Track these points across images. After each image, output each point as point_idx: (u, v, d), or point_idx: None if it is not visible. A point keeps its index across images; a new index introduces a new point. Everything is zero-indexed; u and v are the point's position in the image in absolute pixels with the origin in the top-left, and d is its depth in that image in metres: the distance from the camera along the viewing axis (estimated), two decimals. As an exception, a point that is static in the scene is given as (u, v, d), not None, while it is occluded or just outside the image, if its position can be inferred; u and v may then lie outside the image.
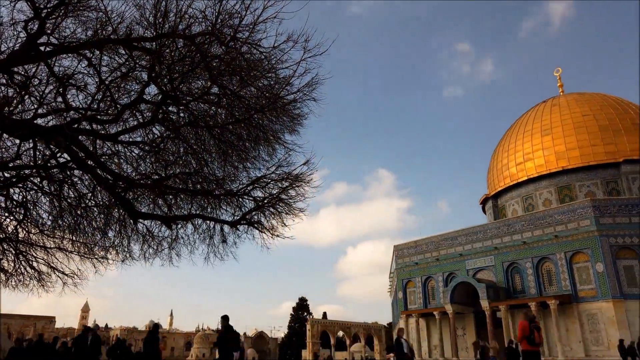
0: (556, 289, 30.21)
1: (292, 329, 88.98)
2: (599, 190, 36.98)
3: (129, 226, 9.97)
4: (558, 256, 30.42)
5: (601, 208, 29.41)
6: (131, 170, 9.21)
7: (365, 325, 74.66)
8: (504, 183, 43.17)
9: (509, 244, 33.32)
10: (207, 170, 9.26)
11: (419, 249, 39.71)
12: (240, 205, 9.88)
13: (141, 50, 7.36)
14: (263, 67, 7.70)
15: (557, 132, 39.79)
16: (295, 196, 9.57)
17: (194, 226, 10.12)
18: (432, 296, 38.04)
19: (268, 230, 9.80)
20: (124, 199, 8.59)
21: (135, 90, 8.16)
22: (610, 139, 37.65)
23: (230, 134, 8.63)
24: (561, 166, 38.62)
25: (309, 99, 8.24)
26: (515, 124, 45.67)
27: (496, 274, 33.54)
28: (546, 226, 31.56)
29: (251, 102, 8.12)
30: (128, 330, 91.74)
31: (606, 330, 27.00)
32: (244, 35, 7.13)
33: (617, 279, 27.51)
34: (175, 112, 8.44)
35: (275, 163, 9.34)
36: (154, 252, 10.30)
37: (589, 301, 28.41)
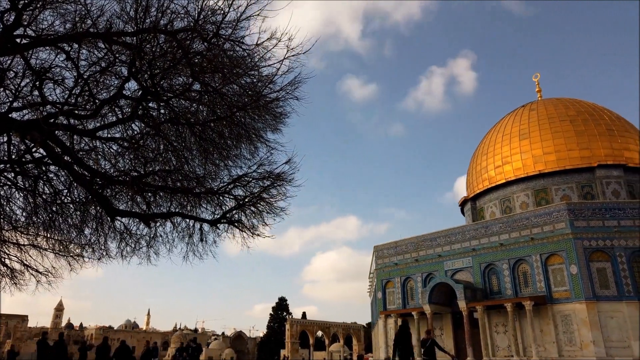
0: (531, 290, 30.80)
1: (271, 329, 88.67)
2: (574, 193, 37.85)
3: (106, 223, 9.80)
4: (534, 258, 31.02)
5: (576, 211, 30.10)
6: (109, 167, 9.05)
7: (345, 325, 74.92)
8: (483, 185, 43.83)
9: (486, 245, 33.84)
10: (188, 168, 9.16)
11: (399, 249, 40.03)
12: (220, 203, 9.80)
13: (121, 44, 7.24)
14: (246, 65, 7.66)
15: (534, 137, 40.57)
16: (277, 195, 9.55)
17: (173, 224, 10.00)
18: (411, 296, 38.38)
19: (248, 230, 9.75)
20: (102, 196, 8.43)
21: (115, 85, 8.02)
22: (585, 144, 38.57)
23: (212, 132, 8.56)
24: (538, 170, 39.39)
25: (292, 97, 8.23)
26: (494, 128, 46.41)
27: (474, 275, 34.02)
28: (523, 228, 32.15)
29: (233, 99, 8.07)
30: (103, 329, 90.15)
31: (579, 330, 27.65)
32: (227, 32, 7.08)
33: (590, 281, 28.19)
34: (156, 108, 8.33)
35: (257, 162, 9.30)
36: (132, 250, 10.15)
37: (562, 302, 29.04)
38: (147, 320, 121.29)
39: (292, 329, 67.26)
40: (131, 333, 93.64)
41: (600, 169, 37.37)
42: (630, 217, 29.36)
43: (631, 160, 38.03)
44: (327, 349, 72.34)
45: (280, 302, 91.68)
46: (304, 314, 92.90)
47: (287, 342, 67.39)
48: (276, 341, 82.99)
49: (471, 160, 48.09)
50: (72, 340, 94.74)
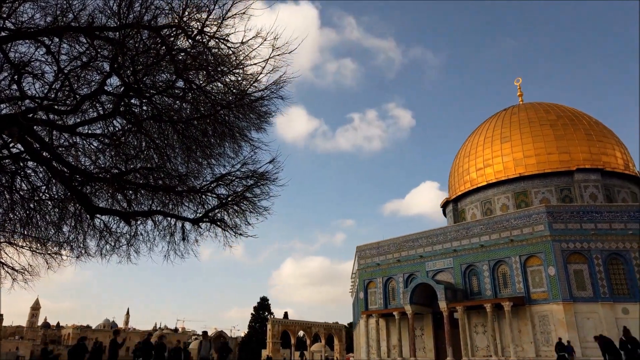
0: (510, 291, 31.27)
1: (252, 329, 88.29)
2: (553, 196, 38.56)
3: (85, 221, 9.63)
4: (513, 259, 31.50)
5: (554, 214, 30.67)
6: (89, 164, 8.90)
7: (326, 325, 75.05)
8: (465, 187, 44.35)
9: (467, 246, 34.25)
10: (170, 165, 9.06)
11: (381, 250, 40.25)
12: (203, 202, 9.73)
13: (103, 39, 7.12)
14: (230, 63, 7.61)
15: (515, 140, 41.21)
16: (260, 194, 9.51)
17: (154, 222, 9.89)
18: (393, 297, 38.62)
19: (231, 229, 9.69)
20: (81, 193, 8.28)
21: (96, 80, 7.89)
22: (565, 147, 39.32)
23: (195, 130, 8.48)
24: (518, 173, 40.02)
25: (277, 96, 8.20)
26: (476, 130, 47.00)
27: (454, 275, 34.40)
28: (503, 230, 32.62)
29: (217, 97, 8.01)
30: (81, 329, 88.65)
31: (556, 331, 28.17)
32: (212, 30, 7.03)
33: (568, 283, 28.76)
34: (138, 105, 8.22)
35: (240, 160, 9.25)
36: (111, 249, 10.00)
37: (540, 303, 29.56)
38: (125, 320, 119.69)
39: (273, 328, 67.11)
40: (109, 332, 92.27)
41: (578, 172, 38.15)
42: (607, 221, 30.03)
43: (608, 164, 38.91)
44: (308, 348, 72.32)
45: (262, 302, 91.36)
46: (286, 314, 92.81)
47: (269, 342, 67.19)
48: (257, 341, 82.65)
49: (453, 162, 48.61)
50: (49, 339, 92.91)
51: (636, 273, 28.57)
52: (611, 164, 39.14)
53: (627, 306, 27.92)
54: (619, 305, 28.00)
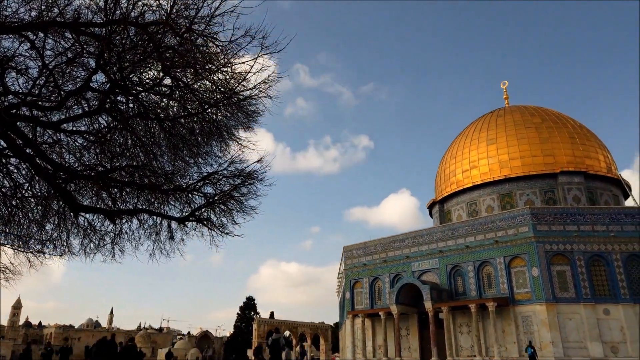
0: (495, 292, 31.61)
1: (238, 329, 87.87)
2: (537, 198, 39.06)
3: (69, 219, 9.50)
4: (498, 260, 31.84)
5: (538, 216, 31.07)
6: (74, 161, 8.78)
7: (312, 325, 75.06)
8: (451, 189, 44.70)
9: (453, 247, 34.54)
10: (156, 164, 8.98)
11: (368, 250, 40.38)
12: (189, 201, 9.66)
13: (89, 35, 7.02)
14: (219, 61, 7.57)
15: (501, 142, 41.66)
16: (247, 194, 9.48)
17: (140, 221, 9.79)
18: (379, 297, 38.78)
19: (217, 228, 9.64)
20: (65, 191, 8.17)
21: (82, 77, 7.79)
22: (549, 150, 39.87)
23: (182, 128, 8.42)
24: (504, 175, 40.47)
25: (265, 96, 8.18)
26: (463, 132, 47.40)
27: (440, 276, 34.66)
28: (488, 231, 32.96)
29: (205, 95, 7.96)
30: (64, 328, 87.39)
31: (539, 331, 28.55)
32: (200, 27, 6.98)
33: (551, 283, 29.16)
34: (124, 102, 8.13)
35: (228, 159, 9.21)
36: (96, 247, 9.88)
37: (524, 304, 29.92)
38: (109, 319, 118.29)
39: (259, 328, 66.88)
40: (93, 332, 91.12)
41: (562, 175, 38.70)
42: (589, 223, 30.52)
43: (591, 167, 39.55)
44: (294, 348, 72.25)
45: (248, 302, 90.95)
46: (272, 314, 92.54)
47: (254, 342, 66.91)
48: (243, 341, 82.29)
49: (440, 163, 48.97)
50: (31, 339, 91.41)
51: (617, 274, 29.08)
52: (594, 167, 39.79)
53: (609, 307, 28.42)
54: (600, 306, 28.48)
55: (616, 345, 26.91)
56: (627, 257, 29.56)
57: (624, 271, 29.14)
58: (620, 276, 29.01)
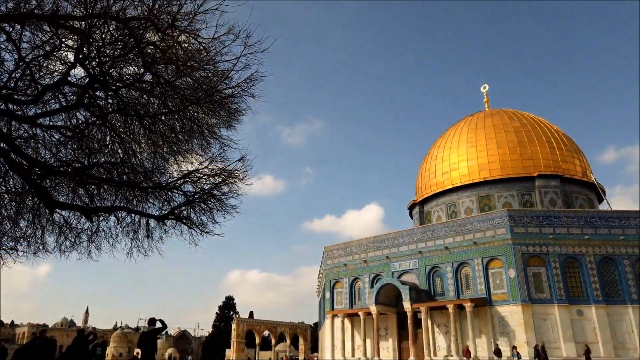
0: (472, 293, 32.05)
1: (216, 328, 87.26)
2: (515, 201, 39.77)
3: (43, 216, 9.30)
4: (476, 261, 32.31)
5: (516, 218, 31.63)
6: (50, 156, 8.60)
7: (292, 325, 74.99)
8: (431, 190, 45.17)
9: (432, 248, 34.90)
10: (135, 161, 8.86)
11: (348, 250, 40.53)
12: (169, 199, 9.56)
13: (68, 29, 6.89)
14: (201, 58, 7.51)
15: (480, 145, 42.28)
16: (228, 193, 9.43)
17: (117, 219, 9.64)
18: (358, 297, 38.94)
19: (197, 227, 9.56)
20: (40, 187, 7.99)
21: (60, 71, 7.64)
22: (527, 154, 40.62)
23: (162, 125, 8.33)
24: (483, 177, 41.06)
25: (248, 94, 8.15)
26: (444, 134, 47.96)
27: (419, 276, 34.99)
28: (466, 233, 33.41)
29: (187, 93, 7.88)
30: (37, 327, 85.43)
31: (514, 331, 29.08)
32: (183, 24, 6.91)
33: (527, 285, 29.73)
34: (103, 97, 8.00)
35: (208, 158, 9.14)
36: (71, 245, 9.69)
37: (500, 304, 30.43)
38: (84, 318, 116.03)
39: (238, 328, 66.53)
40: (67, 331, 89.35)
41: (539, 178, 39.49)
42: (565, 226, 31.21)
43: (567, 171, 40.44)
44: (273, 348, 72.07)
45: (227, 302, 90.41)
46: (251, 314, 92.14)
47: (233, 342, 66.57)
48: (222, 341, 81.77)
49: (421, 164, 49.45)
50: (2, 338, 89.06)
51: (591, 276, 29.80)
52: (570, 171, 40.70)
53: (582, 308, 29.10)
54: (574, 307, 29.15)
55: (589, 346, 27.55)
56: (601, 260, 30.33)
57: (597, 273, 29.89)
58: (594, 278, 29.74)
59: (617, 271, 30.17)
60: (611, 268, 30.33)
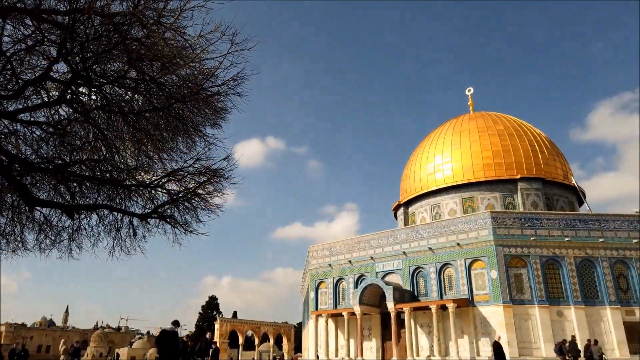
0: (455, 293, 32.37)
1: (199, 328, 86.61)
2: (498, 203, 40.29)
3: (23, 213, 9.13)
4: (459, 262, 32.64)
5: (498, 220, 32.05)
6: (30, 153, 8.44)
7: (276, 325, 74.81)
8: (415, 191, 45.51)
9: (416, 249, 35.15)
10: (119, 158, 8.75)
11: (333, 250, 40.59)
12: (152, 197, 9.46)
13: (51, 23, 6.77)
14: (187, 56, 7.45)
15: (465, 147, 42.74)
16: (213, 192, 9.37)
17: (100, 217, 9.51)
18: (343, 297, 39.02)
19: (181, 226, 9.49)
20: (20, 184, 7.84)
21: (42, 66, 7.50)
22: (510, 157, 41.19)
23: (147, 122, 8.23)
24: (466, 179, 41.51)
25: (234, 93, 8.11)
26: (429, 136, 48.38)
27: (403, 277, 35.21)
28: (450, 234, 33.73)
29: (172, 90, 7.81)
30: (15, 327, 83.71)
31: (496, 332, 29.44)
32: (169, 20, 6.85)
33: (508, 286, 30.13)
34: (86, 93, 7.89)
35: (193, 156, 9.07)
36: (51, 243, 9.53)
37: (482, 305, 30.79)
38: (64, 318, 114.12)
39: (221, 328, 66.12)
40: (47, 331, 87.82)
41: (522, 181, 40.07)
42: (546, 228, 31.72)
43: (549, 174, 41.12)
44: (256, 348, 71.78)
45: (210, 301, 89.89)
46: (235, 313, 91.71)
47: (216, 342, 66.09)
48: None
49: (406, 166, 49.78)
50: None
51: (571, 278, 30.33)
52: (552, 173, 41.38)
53: (562, 309, 29.61)
54: (554, 308, 29.64)
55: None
56: (580, 262, 30.90)
57: (577, 275, 30.44)
58: (574, 279, 30.28)
59: (596, 273, 30.78)
60: (590, 270, 30.92)
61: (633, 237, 31.49)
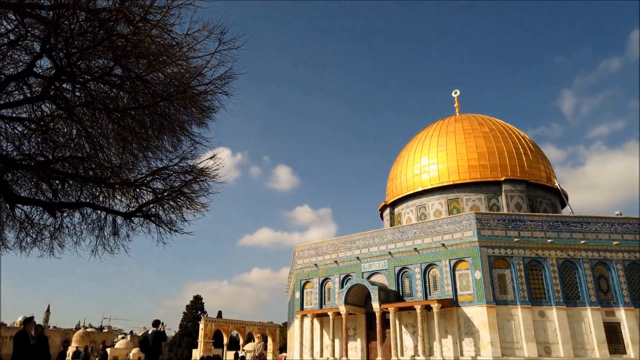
0: (440, 293, 32.62)
1: (184, 328, 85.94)
2: (482, 204, 40.71)
3: (4, 211, 8.96)
4: (443, 263, 32.89)
5: (483, 221, 32.38)
6: (12, 149, 8.29)
7: (261, 324, 74.61)
8: (401, 192, 45.76)
9: (401, 249, 35.34)
10: (103, 156, 8.63)
11: (319, 250, 40.60)
12: (137, 196, 9.36)
13: (35, 17, 6.65)
14: (174, 54, 7.38)
15: (450, 149, 43.11)
16: (199, 191, 9.31)
17: (83, 215, 9.38)
18: (328, 297, 39.05)
19: (166, 225, 9.40)
20: (0, 180, 7.69)
21: (25, 61, 7.37)
22: (495, 159, 41.66)
23: (132, 120, 8.14)
24: (452, 180, 41.87)
25: (221, 92, 8.07)
26: (415, 137, 48.68)
27: (388, 277, 35.37)
28: (435, 235, 33.98)
29: (158, 88, 7.73)
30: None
31: (479, 332, 29.76)
32: (156, 18, 6.78)
33: (492, 286, 30.47)
34: (70, 90, 7.76)
35: (179, 155, 9.00)
36: (33, 241, 9.37)
37: (466, 305, 31.08)
38: (45, 317, 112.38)
39: (206, 327, 65.74)
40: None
41: (506, 183, 40.55)
42: (529, 229, 32.14)
43: (533, 176, 41.68)
44: (240, 348, 71.49)
45: (195, 301, 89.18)
46: (220, 313, 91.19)
47: (200, 342, 65.74)
48: (189, 341, 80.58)
49: (392, 167, 50.02)
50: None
51: (553, 279, 30.78)
52: (535, 176, 41.95)
53: (544, 309, 30.03)
54: (536, 309, 30.04)
55: (549, 346, 28.47)
56: (562, 263, 31.37)
57: (559, 276, 30.90)
58: (555, 280, 30.73)
59: (577, 274, 31.28)
60: (572, 271, 31.41)
61: (614, 239, 32.08)
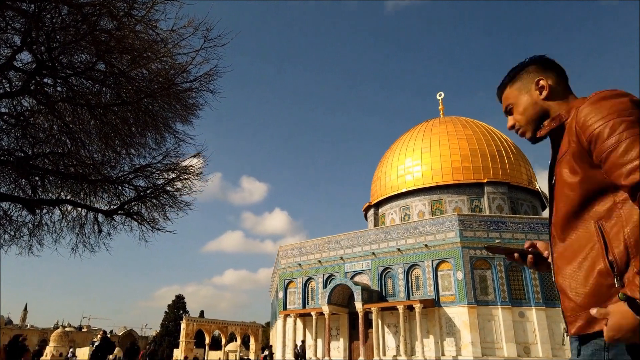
0: (422, 294, 32.88)
1: (165, 328, 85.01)
2: (465, 206, 41.16)
3: (-19, 207, 8.75)
4: (426, 263, 33.16)
5: (465, 222, 32.73)
6: (-10, 144, 8.10)
7: (243, 324, 74.20)
8: (385, 193, 45.99)
9: (385, 250, 35.52)
10: (84, 152, 8.50)
11: (303, 250, 40.57)
12: (119, 193, 9.24)
13: (16, 10, 6.52)
14: (158, 50, 7.30)
15: (434, 151, 43.48)
16: (182, 189, 9.23)
17: (63, 212, 9.22)
18: (312, 297, 39.05)
19: (148, 223, 9.30)
20: (-22, 176, 7.52)
21: (5, 54, 7.21)
22: (478, 162, 42.14)
23: (115, 116, 8.04)
24: (435, 182, 42.23)
25: (206, 89, 8.02)
26: (400, 139, 48.97)
27: (372, 277, 35.52)
28: (418, 235, 34.24)
29: (142, 84, 7.65)
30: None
31: (460, 332, 30.08)
32: (140, 13, 6.70)
33: (473, 287, 30.82)
34: (52, 85, 7.63)
35: (163, 152, 8.91)
36: (11, 239, 9.18)
37: (448, 306, 31.38)
38: (22, 316, 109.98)
39: (188, 327, 65.09)
40: (4, 330, 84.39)
41: (488, 185, 41.06)
42: (510, 231, 32.60)
43: (514, 179, 42.29)
44: (223, 348, 71.00)
45: (177, 300, 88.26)
46: (202, 313, 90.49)
47: (182, 341, 65.05)
48: (171, 341, 79.73)
49: (377, 168, 50.25)
50: None
51: (532, 280, 31.27)
52: (517, 178, 42.57)
53: (524, 310, 30.50)
54: (516, 309, 30.49)
55: (529, 346, 28.91)
56: (542, 264, 31.86)
57: (538, 277, 31.38)
58: (535, 282, 31.22)
59: (556, 275, 31.80)
60: (551, 273, 31.89)
61: (592, 241, 32.67)
